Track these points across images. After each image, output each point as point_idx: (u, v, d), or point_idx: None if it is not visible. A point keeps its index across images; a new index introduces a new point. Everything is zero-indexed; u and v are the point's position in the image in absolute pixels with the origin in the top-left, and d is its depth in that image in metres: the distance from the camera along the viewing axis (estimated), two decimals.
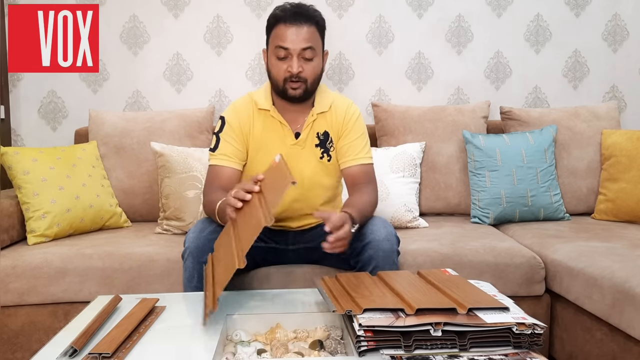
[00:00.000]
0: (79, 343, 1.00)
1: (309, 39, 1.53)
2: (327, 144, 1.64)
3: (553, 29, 2.60)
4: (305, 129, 1.63)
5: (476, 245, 1.84)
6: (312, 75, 1.57)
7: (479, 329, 0.97)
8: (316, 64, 1.57)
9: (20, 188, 1.91)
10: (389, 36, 2.57)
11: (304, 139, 1.63)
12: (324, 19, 1.60)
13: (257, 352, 1.05)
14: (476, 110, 2.38)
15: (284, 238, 1.70)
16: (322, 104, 1.64)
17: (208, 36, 2.52)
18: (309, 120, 1.62)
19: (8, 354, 1.73)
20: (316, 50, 1.56)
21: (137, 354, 1.00)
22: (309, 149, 1.63)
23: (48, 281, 1.72)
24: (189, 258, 1.49)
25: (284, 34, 1.53)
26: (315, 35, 1.56)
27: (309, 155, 1.63)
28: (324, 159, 1.64)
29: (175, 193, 2.05)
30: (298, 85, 1.55)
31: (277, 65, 1.56)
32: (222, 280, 1.13)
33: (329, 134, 1.64)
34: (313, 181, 1.64)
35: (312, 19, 1.55)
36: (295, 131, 1.64)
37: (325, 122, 1.64)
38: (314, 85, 1.59)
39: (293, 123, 1.64)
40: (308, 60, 1.55)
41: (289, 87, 1.56)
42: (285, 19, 1.53)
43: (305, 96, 1.59)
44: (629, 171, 2.13)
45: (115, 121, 2.27)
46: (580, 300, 1.63)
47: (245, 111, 1.64)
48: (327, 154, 1.64)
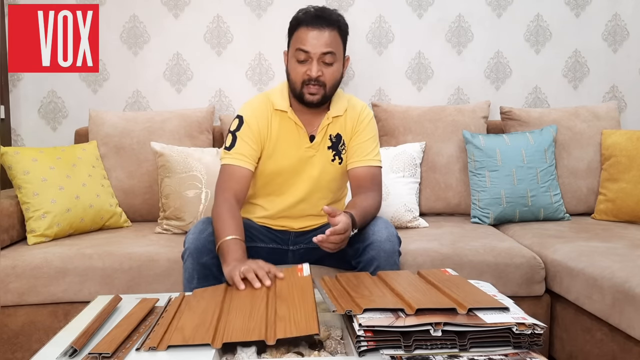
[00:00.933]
0: (79, 343, 1.00)
1: (330, 44, 1.52)
2: (340, 147, 1.64)
3: (553, 29, 2.60)
4: (320, 132, 1.62)
5: (476, 245, 1.84)
6: (331, 80, 1.55)
7: (479, 329, 0.97)
8: (336, 69, 1.55)
9: (20, 188, 1.91)
10: (389, 36, 2.57)
11: (318, 142, 1.62)
12: (346, 24, 1.58)
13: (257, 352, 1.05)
14: (476, 110, 2.38)
15: (285, 238, 1.70)
16: (338, 108, 1.63)
17: (208, 36, 2.52)
18: (324, 123, 1.62)
19: (8, 354, 1.73)
20: (337, 55, 1.54)
21: (137, 354, 1.00)
22: (322, 152, 1.63)
23: (48, 281, 1.72)
24: (189, 259, 1.49)
25: (305, 37, 1.52)
26: (336, 40, 1.54)
27: (321, 157, 1.63)
28: (335, 162, 1.64)
29: (175, 193, 2.05)
30: (316, 89, 1.54)
31: (296, 68, 1.55)
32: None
33: (341, 137, 1.64)
34: (321, 184, 1.65)
35: (334, 24, 1.53)
36: (310, 134, 1.63)
37: (339, 125, 1.64)
38: (332, 90, 1.58)
39: (309, 126, 1.63)
40: (328, 65, 1.53)
41: (307, 92, 1.55)
42: (307, 22, 1.52)
43: (322, 101, 1.57)
44: (629, 171, 2.13)
45: (115, 121, 2.27)
46: (580, 300, 1.63)
47: (262, 111, 1.62)
48: (338, 156, 1.64)
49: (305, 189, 1.64)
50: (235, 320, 1.07)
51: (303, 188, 1.64)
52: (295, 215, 1.67)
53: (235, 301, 1.16)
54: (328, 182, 1.66)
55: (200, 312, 1.12)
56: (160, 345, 1.00)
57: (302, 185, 1.64)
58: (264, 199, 1.68)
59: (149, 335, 1.04)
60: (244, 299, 1.16)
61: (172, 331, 1.05)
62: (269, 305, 1.12)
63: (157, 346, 0.99)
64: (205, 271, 1.48)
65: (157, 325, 1.09)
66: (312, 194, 1.64)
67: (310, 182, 1.63)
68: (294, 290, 1.16)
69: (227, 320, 1.07)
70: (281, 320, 1.04)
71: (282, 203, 1.65)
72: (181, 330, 1.05)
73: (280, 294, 1.15)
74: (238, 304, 1.14)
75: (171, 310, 1.16)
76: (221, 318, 1.09)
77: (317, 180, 1.63)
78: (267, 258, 1.68)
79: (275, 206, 1.66)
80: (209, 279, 1.48)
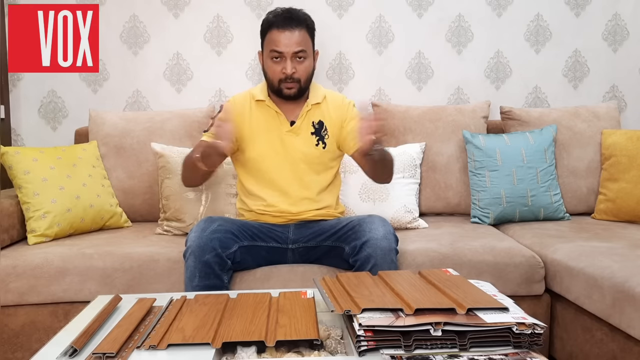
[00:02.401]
0: (79, 343, 1.01)
1: (301, 42, 1.67)
2: (322, 132, 1.76)
3: (553, 28, 2.60)
4: (300, 117, 1.74)
5: (476, 245, 1.84)
6: (304, 74, 1.71)
7: (479, 329, 0.97)
8: (308, 64, 1.71)
9: (20, 188, 1.91)
10: (389, 36, 2.57)
11: (298, 126, 1.74)
12: (313, 21, 1.74)
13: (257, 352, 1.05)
14: (476, 110, 2.38)
15: (284, 237, 1.71)
16: (316, 96, 1.77)
17: (208, 36, 2.52)
18: (304, 110, 1.75)
19: (8, 353, 1.73)
20: (307, 51, 1.69)
21: (138, 352, 1.00)
22: (305, 137, 1.75)
23: (48, 281, 1.72)
24: (191, 257, 1.50)
25: (278, 38, 1.66)
26: (306, 38, 1.69)
27: (304, 142, 1.74)
28: (320, 146, 1.75)
29: (176, 194, 2.05)
30: (292, 85, 1.69)
31: (272, 67, 1.70)
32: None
33: (323, 123, 1.76)
34: (309, 167, 1.73)
35: (302, 23, 1.69)
36: (290, 120, 1.75)
37: (321, 112, 1.77)
38: (306, 83, 1.73)
39: (289, 113, 1.76)
40: (300, 61, 1.68)
41: (284, 87, 1.70)
42: (277, 25, 1.67)
43: (299, 94, 1.72)
44: (629, 171, 2.13)
45: (116, 121, 2.27)
46: (580, 300, 1.63)
47: (242, 101, 1.78)
48: (322, 141, 1.75)
49: (292, 169, 1.73)
50: (236, 323, 1.09)
51: (291, 169, 1.73)
52: (292, 196, 1.72)
53: (237, 309, 1.17)
54: (315, 164, 1.75)
55: (202, 315, 1.14)
56: (160, 344, 1.00)
57: (288, 166, 1.73)
58: (257, 186, 1.74)
59: (149, 335, 1.05)
60: (246, 308, 1.18)
61: (173, 331, 1.05)
62: (270, 315, 1.14)
63: (158, 345, 1.00)
64: (206, 269, 1.48)
65: (158, 325, 1.09)
66: (302, 174, 1.73)
67: (295, 163, 1.72)
68: (296, 307, 1.18)
69: (228, 324, 1.08)
70: (282, 327, 1.06)
71: (275, 186, 1.72)
72: (182, 331, 1.05)
73: (283, 309, 1.17)
74: (240, 311, 1.16)
75: (173, 311, 1.16)
76: (222, 322, 1.10)
77: (302, 160, 1.73)
78: (267, 257, 1.71)
79: (269, 191, 1.72)
80: (210, 278, 1.48)
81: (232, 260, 1.55)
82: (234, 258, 1.57)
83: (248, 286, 1.68)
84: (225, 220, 1.63)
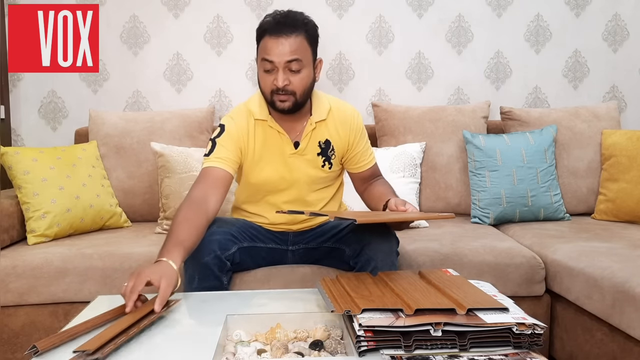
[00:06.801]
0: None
1: (295, 51, 1.45)
2: (329, 152, 1.61)
3: (553, 29, 2.60)
4: (305, 138, 1.58)
5: (476, 245, 1.84)
6: (300, 87, 1.48)
7: (479, 329, 0.97)
8: (304, 75, 1.48)
9: (20, 188, 1.91)
10: (389, 36, 2.57)
11: (303, 148, 1.59)
12: (315, 26, 1.52)
13: (257, 352, 1.05)
14: (476, 110, 2.38)
15: (284, 238, 1.71)
16: (320, 112, 1.59)
17: (208, 36, 2.52)
18: (307, 129, 1.58)
19: (8, 354, 1.73)
20: (303, 61, 1.47)
21: (138, 353, 0.99)
22: (310, 158, 1.60)
23: (48, 281, 1.72)
24: (189, 259, 1.49)
25: (269, 46, 1.46)
26: (303, 45, 1.47)
27: (310, 164, 1.60)
28: (325, 167, 1.62)
29: (176, 193, 2.05)
30: (286, 97, 1.48)
31: (264, 78, 1.50)
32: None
33: (330, 142, 1.61)
34: (312, 188, 1.64)
35: (299, 29, 1.46)
36: (294, 140, 1.59)
37: (327, 130, 1.60)
38: (303, 97, 1.51)
39: (291, 132, 1.59)
40: (295, 72, 1.47)
41: (277, 100, 1.49)
42: (270, 31, 1.46)
43: (295, 108, 1.52)
44: (629, 171, 2.13)
45: (115, 121, 2.27)
46: (580, 301, 1.63)
47: (243, 122, 1.58)
48: (328, 162, 1.61)
49: (295, 194, 1.63)
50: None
51: (293, 194, 1.63)
52: (292, 219, 1.66)
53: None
54: (319, 184, 1.65)
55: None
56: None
57: (292, 191, 1.62)
58: (257, 208, 1.67)
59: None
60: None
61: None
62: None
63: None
64: (205, 271, 1.48)
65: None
66: (305, 195, 1.64)
67: (299, 187, 1.62)
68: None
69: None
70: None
71: (277, 208, 1.60)
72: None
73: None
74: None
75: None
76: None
77: (306, 185, 1.62)
78: (267, 258, 1.70)
79: (270, 212, 1.64)
80: (209, 279, 1.48)
81: (231, 261, 1.54)
82: (233, 259, 1.55)
83: (248, 287, 1.68)
84: (225, 221, 1.62)
